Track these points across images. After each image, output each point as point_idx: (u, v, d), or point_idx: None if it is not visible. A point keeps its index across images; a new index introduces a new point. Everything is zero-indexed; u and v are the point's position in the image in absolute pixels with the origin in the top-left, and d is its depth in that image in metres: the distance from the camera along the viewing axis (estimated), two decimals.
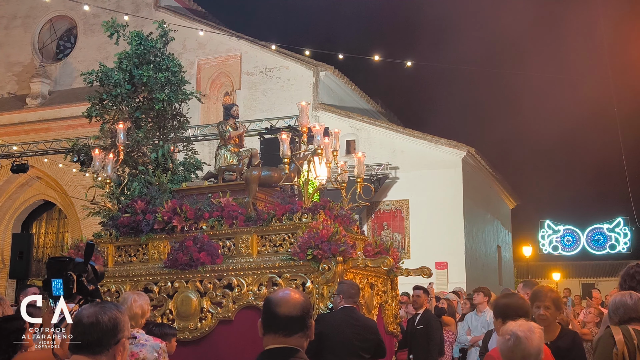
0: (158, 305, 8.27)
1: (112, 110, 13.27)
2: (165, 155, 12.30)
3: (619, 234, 37.49)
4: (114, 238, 8.82)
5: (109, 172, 9.04)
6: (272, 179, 8.67)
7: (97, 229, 23.92)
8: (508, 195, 32.03)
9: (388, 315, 8.85)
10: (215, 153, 9.40)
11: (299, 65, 25.49)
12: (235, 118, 9.54)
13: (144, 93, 13.32)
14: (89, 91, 25.96)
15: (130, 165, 12.63)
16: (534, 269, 40.33)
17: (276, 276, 7.78)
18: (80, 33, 28.06)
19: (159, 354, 5.71)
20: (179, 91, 13.49)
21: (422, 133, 24.37)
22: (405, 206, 23.75)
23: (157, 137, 13.07)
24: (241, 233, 8.18)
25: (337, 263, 7.47)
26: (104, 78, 13.43)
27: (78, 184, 25.50)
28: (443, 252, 22.64)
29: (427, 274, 8.59)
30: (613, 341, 4.61)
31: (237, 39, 26.13)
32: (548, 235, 38.86)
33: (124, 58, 13.61)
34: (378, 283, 8.66)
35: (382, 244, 9.10)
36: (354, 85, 27.85)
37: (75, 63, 27.57)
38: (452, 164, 23.74)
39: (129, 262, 8.75)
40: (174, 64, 13.81)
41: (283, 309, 3.34)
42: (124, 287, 8.45)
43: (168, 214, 8.42)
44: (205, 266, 8.04)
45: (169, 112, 13.31)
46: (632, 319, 4.78)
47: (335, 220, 8.06)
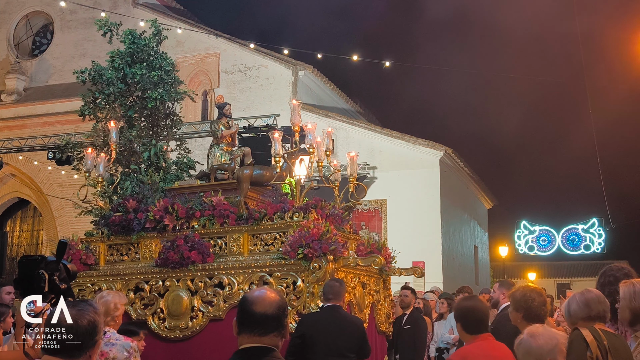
0: (149, 304, 8.26)
1: (105, 108, 13.17)
2: (157, 154, 12.24)
3: (594, 234, 37.83)
4: (106, 237, 8.80)
5: (101, 170, 9.01)
6: (264, 177, 8.68)
7: (73, 227, 24.07)
8: (485, 195, 32.20)
9: (380, 314, 8.88)
10: (207, 152, 9.38)
11: (278, 64, 25.45)
12: (228, 117, 9.53)
13: (137, 92, 13.24)
14: (65, 88, 26.15)
15: (122, 164, 12.56)
16: (510, 268, 40.66)
17: (267, 275, 7.78)
18: (57, 29, 27.78)
19: (129, 353, 5.68)
20: (172, 90, 13.43)
21: (400, 133, 24.45)
22: (383, 206, 23.80)
23: (150, 135, 13.01)
24: (232, 232, 8.19)
25: (327, 262, 7.50)
26: (96, 76, 13.31)
27: (54, 182, 25.33)
28: (420, 252, 22.65)
29: (420, 273, 8.65)
30: (585, 344, 4.56)
31: (215, 37, 26.04)
32: (524, 235, 39.12)
33: (117, 56, 13.49)
34: (370, 282, 8.69)
35: (375, 244, 9.13)
36: (333, 85, 27.87)
37: (52, 59, 27.32)
38: (429, 164, 23.84)
39: (121, 261, 8.74)
40: (167, 63, 13.75)
41: (259, 307, 3.30)
42: (114, 285, 8.43)
43: (160, 213, 8.41)
44: (196, 265, 8.04)
45: (162, 111, 13.24)
46: (592, 318, 4.76)
47: (326, 219, 8.09)
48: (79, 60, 26.25)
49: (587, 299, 4.82)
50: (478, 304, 5.31)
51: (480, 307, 5.22)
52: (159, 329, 8.13)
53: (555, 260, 40.94)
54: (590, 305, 4.78)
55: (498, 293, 7.96)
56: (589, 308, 4.78)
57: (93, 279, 8.61)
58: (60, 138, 22.02)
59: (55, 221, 25.48)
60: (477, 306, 5.24)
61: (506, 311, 7.61)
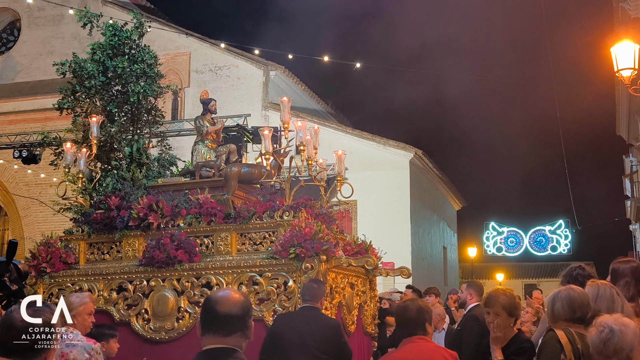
0: (133, 305, 8.03)
1: (85, 102, 12.82)
2: (140, 150, 11.97)
3: (560, 235, 38.32)
4: (86, 235, 8.53)
5: (81, 166, 8.73)
6: (253, 175, 8.50)
7: (40, 227, 23.67)
8: (454, 197, 32.33)
9: (367, 316, 8.76)
10: (192, 149, 9.16)
11: (249, 64, 25.30)
12: (213, 113, 9.33)
13: (118, 86, 12.94)
14: (32, 86, 25.71)
15: (102, 160, 12.25)
16: (479, 269, 40.97)
17: (257, 275, 7.59)
18: (24, 26, 27.25)
19: (90, 355, 5.55)
20: (154, 84, 13.16)
21: (371, 134, 24.44)
22: (353, 207, 23.70)
23: (131, 131, 12.71)
24: (220, 231, 7.99)
25: (320, 262, 7.35)
26: (77, 69, 12.95)
27: (20, 181, 24.90)
28: (389, 253, 22.34)
29: (407, 274, 8.56)
30: (560, 346, 4.50)
31: (186, 36, 25.78)
32: (492, 236, 39.46)
33: (98, 49, 13.14)
34: (358, 283, 8.56)
35: (362, 244, 9.01)
36: (304, 85, 27.76)
37: (19, 57, 26.82)
38: (399, 165, 23.87)
39: (102, 260, 8.48)
40: (149, 56, 13.45)
41: (223, 307, 3.26)
42: (96, 285, 8.19)
43: (144, 211, 8.18)
44: (182, 264, 7.83)
45: (144, 105, 12.96)
46: (573, 320, 4.69)
47: (316, 218, 7.94)
48: (47, 58, 25.83)
49: (572, 300, 4.73)
50: (411, 304, 5.08)
51: (412, 308, 4.98)
52: (144, 330, 7.90)
53: (523, 261, 41.39)
54: (575, 307, 4.70)
55: (465, 294, 7.96)
56: (572, 311, 4.70)
57: (74, 279, 8.35)
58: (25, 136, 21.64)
59: (21, 221, 25.05)
60: (409, 306, 5.02)
61: (473, 311, 7.58)
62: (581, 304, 4.69)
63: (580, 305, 4.68)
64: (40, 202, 23.88)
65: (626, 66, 11.33)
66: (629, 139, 28.12)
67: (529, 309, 11.18)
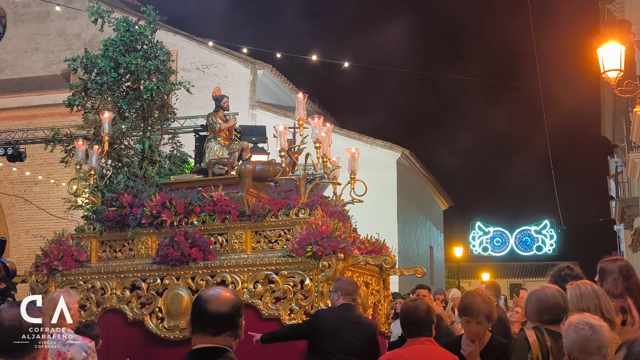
0: (147, 303, 7.95)
1: (96, 99, 12.63)
2: (152, 148, 11.83)
3: (546, 236, 38.61)
4: (98, 232, 8.42)
5: (93, 163, 8.61)
6: (267, 172, 8.41)
7: (24, 225, 23.39)
8: (441, 196, 32.42)
9: (380, 315, 8.73)
10: (204, 146, 9.06)
11: (237, 62, 25.18)
12: (225, 110, 9.23)
13: (130, 82, 12.78)
14: (17, 83, 25.40)
15: (113, 157, 12.09)
16: (465, 269, 41.16)
17: (273, 273, 7.53)
18: (10, 23, 26.88)
19: (87, 354, 5.58)
20: (167, 81, 13.01)
21: (359, 134, 24.45)
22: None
23: (143, 128, 12.56)
24: (234, 228, 7.92)
25: (338, 260, 7.30)
26: (89, 65, 12.76)
27: (4, 179, 24.59)
28: None
29: (421, 273, 8.50)
30: (527, 344, 4.54)
31: (173, 34, 25.52)
32: (478, 236, 39.72)
33: (110, 45, 12.93)
34: (372, 282, 8.53)
35: (376, 242, 8.98)
36: (292, 84, 27.67)
37: (4, 53, 26.45)
38: (387, 165, 23.86)
39: (114, 258, 8.38)
40: (162, 52, 13.30)
41: (213, 305, 3.22)
42: (109, 283, 8.09)
43: (157, 208, 8.09)
44: (197, 262, 7.74)
45: (157, 102, 12.81)
46: (544, 322, 4.70)
47: (331, 216, 7.89)
48: (32, 55, 25.61)
49: (541, 302, 4.76)
50: (422, 303, 5.10)
51: (422, 307, 5.01)
52: (157, 329, 7.82)
53: (508, 261, 41.69)
54: (542, 310, 4.74)
55: None
56: (540, 314, 4.74)
57: (86, 277, 8.25)
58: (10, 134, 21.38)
59: (6, 219, 24.72)
60: (419, 306, 5.04)
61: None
62: (550, 307, 4.70)
63: (549, 308, 4.70)
64: (25, 200, 23.64)
65: (612, 67, 11.36)
66: (614, 139, 28.33)
67: (518, 308, 11.15)
